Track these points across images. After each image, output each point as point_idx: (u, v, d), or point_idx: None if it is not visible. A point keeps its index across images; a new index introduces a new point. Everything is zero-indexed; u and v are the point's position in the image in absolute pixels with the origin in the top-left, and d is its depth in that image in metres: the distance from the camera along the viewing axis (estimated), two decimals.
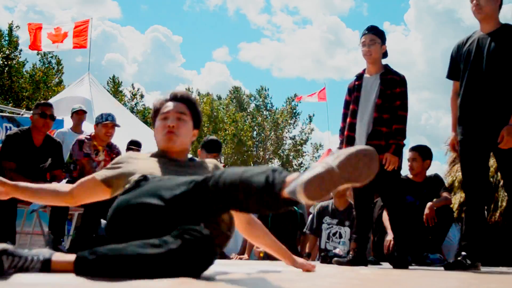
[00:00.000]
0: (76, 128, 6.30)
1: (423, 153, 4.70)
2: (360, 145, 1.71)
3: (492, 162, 4.61)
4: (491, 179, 4.55)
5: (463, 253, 3.19)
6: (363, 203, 3.62)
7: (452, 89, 3.51)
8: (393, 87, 3.53)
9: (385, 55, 3.70)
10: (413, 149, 4.77)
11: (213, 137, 5.19)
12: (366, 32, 3.66)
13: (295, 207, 5.16)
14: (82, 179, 2.16)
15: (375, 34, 3.64)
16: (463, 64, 3.35)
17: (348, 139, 3.61)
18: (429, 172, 4.80)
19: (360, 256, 3.53)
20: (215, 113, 27.49)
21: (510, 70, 3.18)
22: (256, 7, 44.12)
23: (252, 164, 26.91)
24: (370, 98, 3.57)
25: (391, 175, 3.47)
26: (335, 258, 3.65)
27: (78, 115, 6.26)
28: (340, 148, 3.66)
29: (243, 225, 2.25)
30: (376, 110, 3.51)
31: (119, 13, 44.23)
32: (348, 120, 3.65)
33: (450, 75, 3.50)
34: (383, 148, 3.45)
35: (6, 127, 6.56)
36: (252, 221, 2.28)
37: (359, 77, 3.72)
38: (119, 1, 45.62)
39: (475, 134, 3.25)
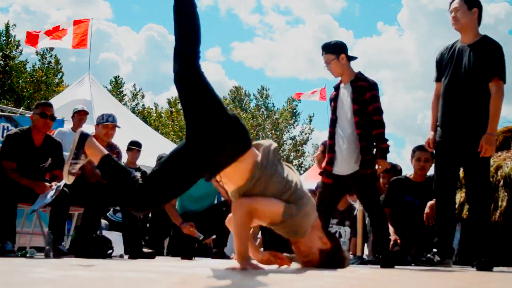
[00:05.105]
0: (76, 129, 6.32)
1: (432, 154, 4.65)
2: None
3: (492, 162, 4.61)
4: (491, 179, 4.54)
5: (434, 249, 3.35)
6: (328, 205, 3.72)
7: (434, 91, 3.69)
8: (363, 94, 3.58)
9: (350, 59, 3.70)
10: (424, 148, 4.66)
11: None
12: (322, 53, 3.73)
13: None
14: None
15: (328, 52, 3.68)
16: (444, 71, 3.54)
17: (329, 148, 3.69)
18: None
19: None
20: None
21: (486, 82, 3.35)
22: (247, 7, 44.25)
23: None
24: (346, 105, 3.62)
25: (370, 177, 3.52)
26: None
27: (80, 115, 6.29)
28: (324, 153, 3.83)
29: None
30: (355, 115, 3.55)
31: (110, 13, 44.35)
32: (329, 129, 3.73)
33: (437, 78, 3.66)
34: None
35: (3, 126, 6.56)
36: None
37: (336, 87, 3.79)
38: (111, 1, 45.71)
39: (452, 141, 3.45)
